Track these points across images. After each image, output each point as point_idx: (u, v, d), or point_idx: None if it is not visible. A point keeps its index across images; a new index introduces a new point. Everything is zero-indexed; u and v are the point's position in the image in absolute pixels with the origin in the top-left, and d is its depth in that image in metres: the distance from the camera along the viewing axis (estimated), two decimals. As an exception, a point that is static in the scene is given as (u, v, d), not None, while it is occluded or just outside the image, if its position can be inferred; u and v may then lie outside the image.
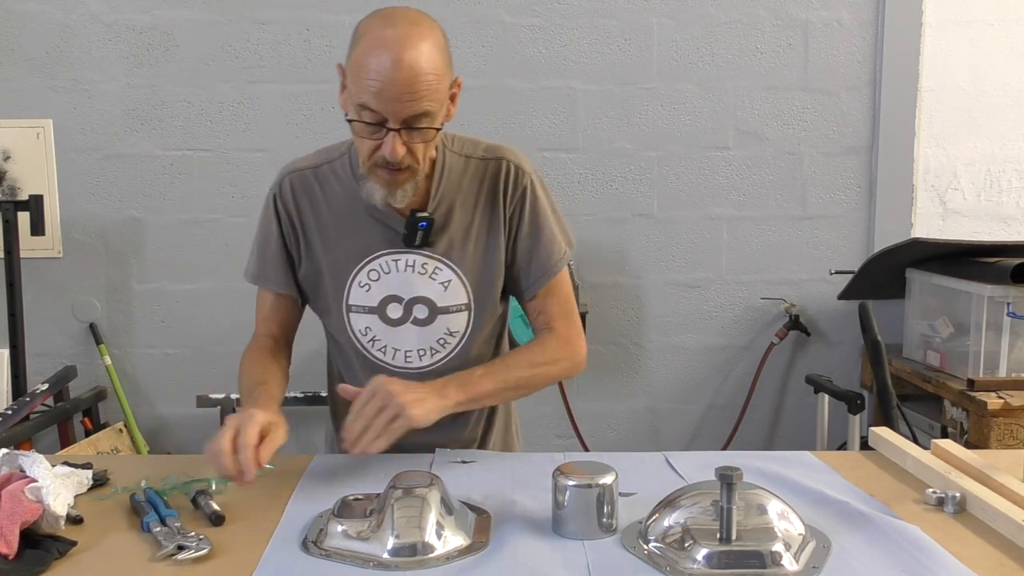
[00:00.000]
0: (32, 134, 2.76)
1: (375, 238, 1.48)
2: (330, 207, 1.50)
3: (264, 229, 1.54)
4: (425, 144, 1.37)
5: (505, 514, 1.22)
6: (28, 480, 1.13)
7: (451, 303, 1.49)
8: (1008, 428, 2.25)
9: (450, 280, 1.49)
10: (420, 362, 1.52)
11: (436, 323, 1.49)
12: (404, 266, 1.48)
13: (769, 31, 2.83)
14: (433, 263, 1.48)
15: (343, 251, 1.50)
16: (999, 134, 2.91)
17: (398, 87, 1.28)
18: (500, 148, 1.53)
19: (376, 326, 1.50)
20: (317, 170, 1.52)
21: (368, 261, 1.49)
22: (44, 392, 2.58)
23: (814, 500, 1.25)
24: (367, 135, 1.34)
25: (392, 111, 1.30)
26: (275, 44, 2.77)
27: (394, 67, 1.28)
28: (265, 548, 1.11)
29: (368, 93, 1.29)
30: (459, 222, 1.49)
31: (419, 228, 1.44)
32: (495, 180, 1.50)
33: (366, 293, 1.49)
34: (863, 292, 2.79)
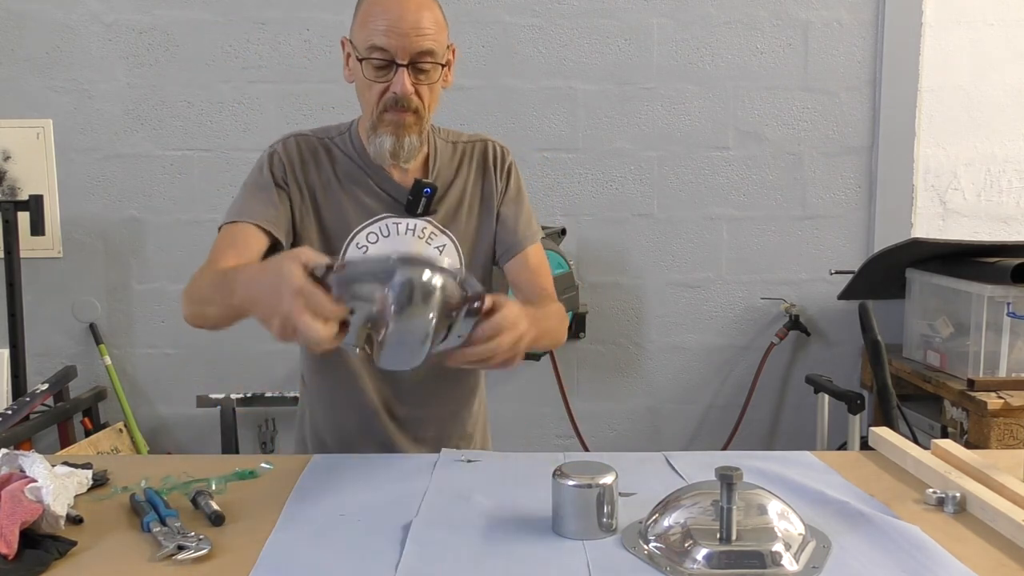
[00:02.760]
0: (32, 134, 2.76)
1: (377, 205, 1.54)
2: (333, 172, 1.55)
3: (255, 176, 1.54)
4: (430, 88, 1.45)
5: (505, 514, 1.22)
6: (28, 480, 1.13)
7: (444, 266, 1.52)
8: (1008, 428, 2.25)
9: (445, 245, 1.55)
10: None
11: None
12: (404, 229, 1.54)
13: (769, 31, 2.83)
14: (431, 228, 1.55)
15: (342, 214, 1.53)
16: (999, 134, 2.91)
17: (406, 23, 1.39)
18: (482, 134, 1.65)
19: None
20: (321, 140, 1.58)
21: (369, 224, 1.53)
22: (44, 392, 2.58)
23: (814, 500, 1.25)
24: (377, 77, 1.42)
25: (400, 47, 1.40)
26: (275, 44, 2.77)
27: (401, 6, 1.40)
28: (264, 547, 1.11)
29: (378, 33, 1.40)
30: (453, 195, 1.57)
31: (424, 195, 1.51)
32: (484, 157, 1.61)
33: (363, 254, 1.52)
34: (863, 292, 2.79)
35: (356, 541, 1.13)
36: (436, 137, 1.60)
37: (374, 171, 1.54)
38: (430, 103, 1.47)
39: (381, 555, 1.09)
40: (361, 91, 1.48)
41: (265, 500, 1.27)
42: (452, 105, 2.80)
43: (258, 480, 1.36)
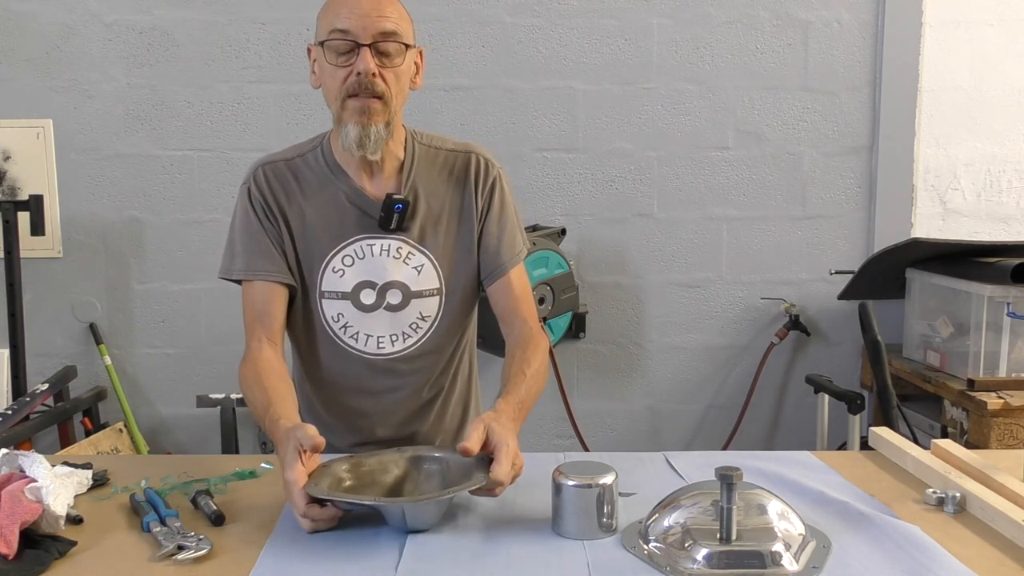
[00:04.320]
0: (32, 134, 2.76)
1: (350, 224, 1.51)
2: (304, 196, 1.52)
3: (244, 222, 1.54)
4: (396, 75, 1.44)
5: (505, 514, 1.22)
6: (28, 480, 1.13)
7: (424, 287, 1.52)
8: (1008, 428, 2.25)
9: (423, 264, 1.52)
10: (392, 347, 1.53)
11: (409, 308, 1.51)
12: (379, 251, 1.51)
13: (769, 31, 2.83)
14: (407, 248, 1.51)
15: (318, 238, 1.51)
16: (999, 134, 2.91)
17: (367, 4, 1.41)
18: (470, 144, 1.60)
19: (349, 312, 1.51)
20: (289, 162, 1.55)
21: (343, 246, 1.51)
22: (44, 392, 2.58)
23: (814, 500, 1.25)
24: (339, 62, 1.42)
25: (362, 26, 1.40)
26: (275, 44, 2.77)
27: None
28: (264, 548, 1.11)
29: (339, 17, 1.41)
30: (430, 209, 1.53)
31: (395, 210, 1.48)
32: (465, 171, 1.56)
33: (340, 279, 1.51)
34: (863, 292, 2.79)
35: (356, 541, 1.13)
36: (416, 142, 1.57)
37: (346, 186, 1.51)
38: (396, 92, 1.45)
39: (381, 555, 1.09)
40: (326, 83, 1.46)
41: (265, 500, 1.27)
42: (452, 105, 2.80)
43: (258, 480, 1.37)
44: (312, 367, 1.57)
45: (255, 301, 1.52)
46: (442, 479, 1.24)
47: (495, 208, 1.56)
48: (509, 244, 1.56)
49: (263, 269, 1.51)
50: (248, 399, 1.45)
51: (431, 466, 1.28)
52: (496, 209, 1.56)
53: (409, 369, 1.54)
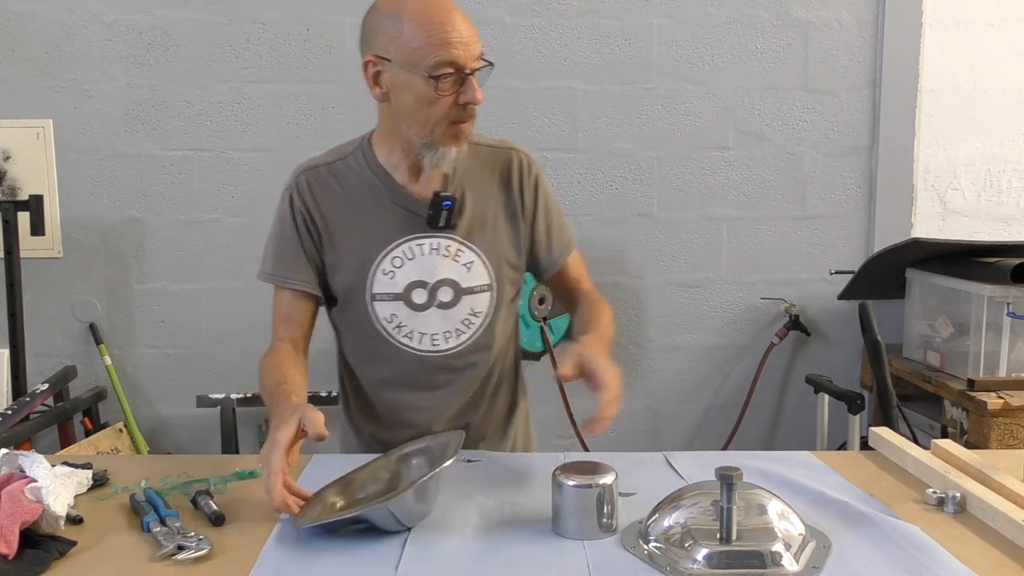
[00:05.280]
0: (32, 134, 2.76)
1: (397, 224, 1.51)
2: (348, 200, 1.53)
3: (280, 228, 1.57)
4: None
5: (505, 514, 1.22)
6: (28, 480, 1.13)
7: (475, 283, 1.53)
8: (1008, 428, 2.25)
9: (472, 261, 1.53)
10: (446, 344, 1.54)
11: (460, 304, 1.53)
12: (428, 249, 1.52)
13: (769, 31, 2.83)
14: (456, 245, 1.52)
15: (365, 241, 1.52)
16: (999, 134, 2.91)
17: (466, 31, 1.39)
18: (507, 141, 1.62)
19: (402, 312, 1.52)
20: (331, 166, 1.56)
21: (392, 248, 1.51)
22: (44, 392, 2.58)
23: (814, 500, 1.25)
24: (451, 90, 1.40)
25: (466, 55, 1.39)
26: (275, 44, 2.77)
27: (455, 15, 1.39)
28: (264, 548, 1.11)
29: (445, 47, 1.37)
30: (475, 205, 1.54)
31: (443, 208, 1.48)
32: (507, 168, 1.58)
33: (390, 280, 1.51)
34: (863, 292, 2.79)
35: (356, 541, 1.13)
36: None
37: (391, 188, 1.52)
38: None
39: (381, 555, 1.09)
40: (417, 108, 1.42)
41: (265, 500, 1.27)
42: (452, 105, 2.80)
43: (258, 480, 1.36)
44: (366, 368, 1.59)
45: (281, 305, 1.58)
46: (430, 468, 1.24)
47: (541, 206, 1.60)
48: (559, 236, 1.62)
49: (292, 278, 1.55)
50: (261, 381, 1.48)
51: (418, 459, 1.29)
52: (542, 207, 1.60)
53: (462, 364, 1.56)
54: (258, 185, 2.81)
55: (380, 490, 1.27)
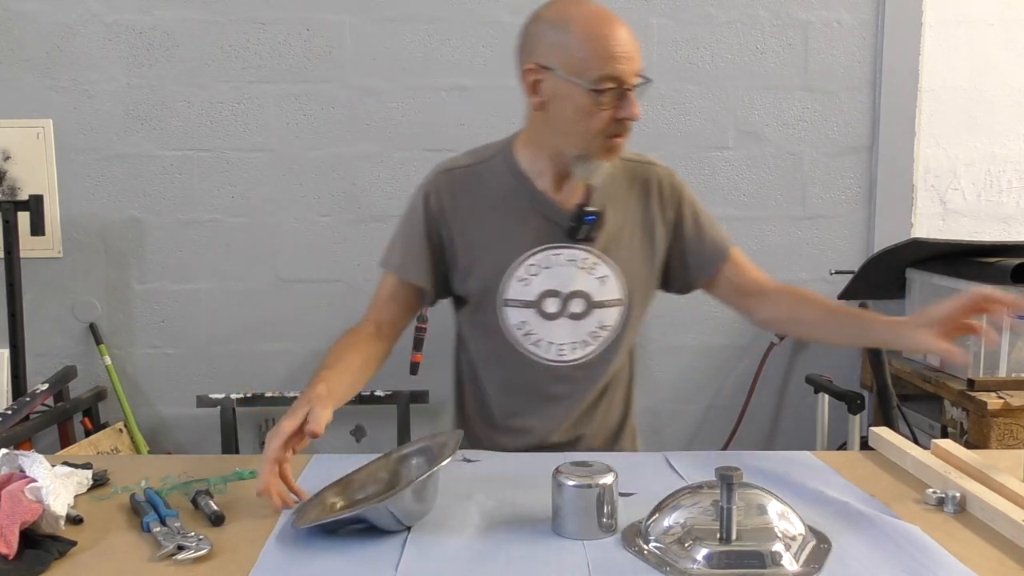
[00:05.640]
0: (32, 134, 2.76)
1: (536, 232, 1.52)
2: (487, 203, 1.53)
3: (411, 223, 1.57)
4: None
5: (505, 514, 1.22)
6: (28, 480, 1.13)
7: (607, 298, 1.54)
8: (1008, 428, 2.25)
9: (607, 276, 1.53)
10: (572, 355, 1.55)
11: (591, 317, 1.53)
12: (565, 260, 1.52)
13: (769, 31, 2.83)
14: (592, 258, 1.53)
15: (502, 246, 1.52)
16: (999, 134, 2.91)
17: (630, 46, 1.40)
18: (646, 156, 1.63)
19: (532, 320, 1.53)
20: (471, 168, 1.57)
21: (529, 255, 1.52)
22: (44, 392, 2.58)
23: (814, 500, 1.25)
24: (611, 104, 1.40)
25: (629, 70, 1.40)
26: (275, 44, 2.77)
27: (622, 30, 1.40)
28: (264, 548, 1.11)
29: (610, 62, 1.38)
30: (614, 220, 1.54)
31: (585, 222, 1.48)
32: (646, 184, 1.59)
33: (524, 287, 1.52)
34: (863, 292, 2.79)
35: (356, 541, 1.13)
36: None
37: (532, 195, 1.52)
38: None
39: (381, 555, 1.09)
40: (576, 120, 1.43)
41: (264, 500, 1.27)
42: (452, 105, 2.80)
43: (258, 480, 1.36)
44: (489, 372, 1.59)
45: (390, 291, 1.58)
46: (428, 467, 1.24)
47: (688, 218, 1.60)
48: (713, 241, 1.61)
49: (411, 272, 1.56)
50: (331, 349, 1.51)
51: (417, 459, 1.29)
52: (689, 219, 1.60)
53: (585, 376, 1.57)
54: (258, 185, 2.81)
55: (379, 490, 1.27)
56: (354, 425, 2.89)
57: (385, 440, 2.84)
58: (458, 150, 2.94)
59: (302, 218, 2.83)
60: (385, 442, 2.81)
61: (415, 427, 2.79)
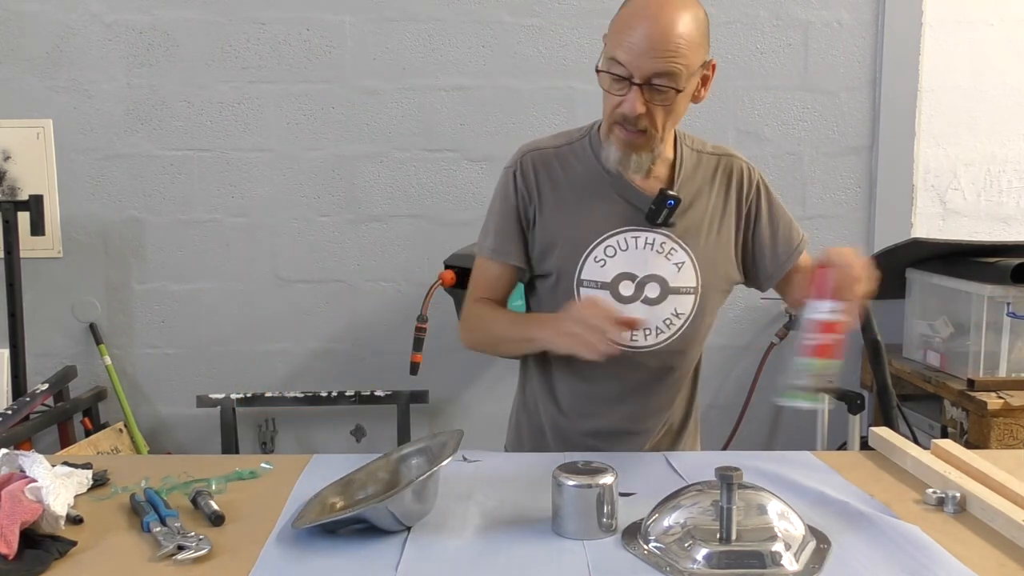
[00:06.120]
0: (32, 134, 2.76)
1: (616, 214, 1.52)
2: (570, 183, 1.54)
3: (502, 204, 1.58)
4: (665, 110, 1.42)
5: (505, 514, 1.22)
6: (28, 480, 1.13)
7: (682, 284, 1.53)
8: (1008, 428, 2.25)
9: (683, 262, 1.52)
10: (645, 341, 1.54)
11: (666, 303, 1.52)
12: (643, 244, 1.51)
13: (769, 31, 2.83)
14: (670, 243, 1.52)
15: (581, 226, 1.52)
16: (999, 134, 2.91)
17: (646, 42, 1.36)
18: (727, 148, 1.63)
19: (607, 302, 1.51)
20: (557, 150, 1.57)
21: (607, 237, 1.51)
22: (44, 392, 2.58)
23: (814, 500, 1.25)
24: (612, 89, 1.42)
25: (637, 65, 1.37)
26: (275, 44, 2.77)
27: (648, 23, 1.37)
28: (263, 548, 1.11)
29: (620, 47, 1.38)
30: (695, 209, 1.54)
31: (667, 206, 1.48)
32: (728, 176, 1.58)
33: (600, 268, 1.51)
34: (863, 292, 2.79)
35: (356, 541, 1.13)
36: (683, 144, 1.58)
37: (615, 178, 1.52)
38: (664, 123, 1.44)
39: (381, 555, 1.09)
40: (603, 96, 1.46)
41: (265, 500, 1.27)
42: (452, 105, 2.80)
43: (258, 480, 1.37)
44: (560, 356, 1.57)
45: (490, 277, 1.60)
46: (428, 467, 1.24)
47: (764, 213, 1.60)
48: (786, 241, 1.60)
49: (511, 253, 1.57)
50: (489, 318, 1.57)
51: (417, 459, 1.29)
52: (765, 212, 1.60)
53: (656, 364, 1.56)
54: (258, 185, 2.81)
55: (379, 490, 1.27)
56: (354, 425, 2.89)
57: (385, 440, 2.84)
58: (458, 150, 2.97)
59: (302, 218, 2.83)
60: (385, 442, 2.81)
61: (415, 427, 2.79)
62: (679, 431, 1.66)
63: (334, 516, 1.16)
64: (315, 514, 1.19)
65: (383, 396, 2.74)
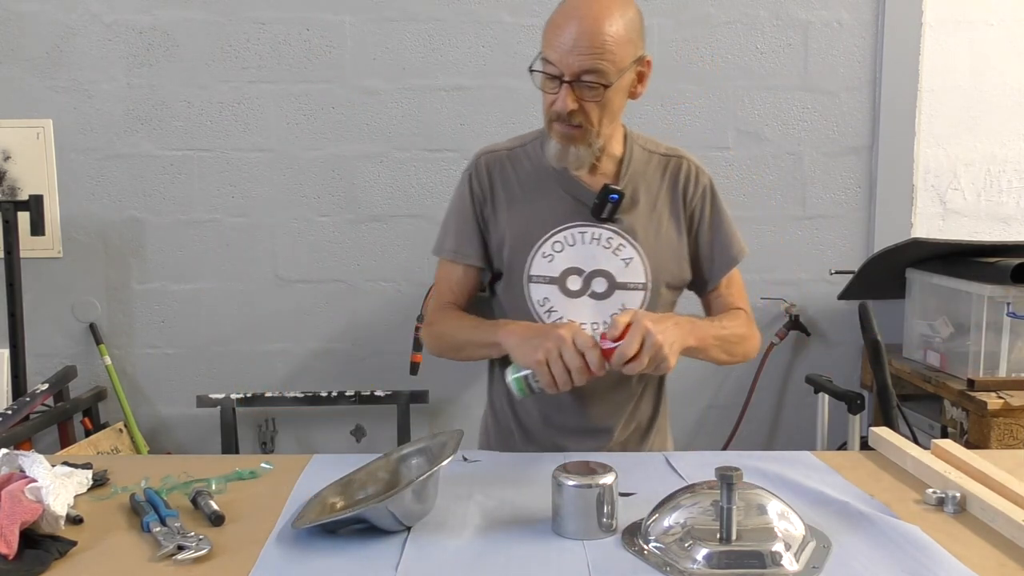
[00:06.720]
0: (32, 134, 2.76)
1: (563, 210, 1.55)
2: (520, 182, 1.59)
3: (459, 206, 1.63)
4: (598, 105, 1.46)
5: (505, 514, 1.22)
6: (28, 480, 1.13)
7: (630, 280, 1.56)
8: (1008, 428, 2.25)
9: (632, 258, 1.56)
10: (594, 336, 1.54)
11: (613, 298, 1.55)
12: (590, 239, 1.55)
13: (769, 31, 2.83)
14: (618, 239, 1.55)
15: (529, 222, 1.56)
16: (999, 134, 2.91)
17: (573, 41, 1.40)
18: (680, 149, 1.66)
19: (555, 297, 1.55)
20: (511, 151, 1.63)
21: (554, 232, 1.55)
22: (44, 392, 2.58)
23: (814, 500, 1.25)
24: (546, 88, 1.47)
25: (565, 63, 1.42)
26: (275, 44, 2.77)
27: (575, 23, 1.41)
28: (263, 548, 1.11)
29: (550, 46, 1.43)
30: (643, 206, 1.58)
31: (609, 200, 1.52)
32: (676, 175, 1.62)
33: (549, 263, 1.55)
34: (863, 292, 2.79)
35: (356, 541, 1.13)
36: (633, 143, 1.61)
37: (561, 174, 1.56)
38: (599, 118, 1.47)
39: (381, 555, 1.09)
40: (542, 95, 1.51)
41: (265, 500, 1.27)
42: (452, 105, 2.80)
43: (258, 480, 1.37)
44: None
45: (453, 280, 1.64)
46: (428, 467, 1.24)
47: (707, 215, 1.63)
48: (723, 251, 1.63)
49: (468, 254, 1.62)
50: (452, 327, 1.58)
51: (417, 459, 1.29)
52: (709, 216, 1.63)
53: None
54: (258, 185, 2.81)
55: (379, 490, 1.27)
56: (354, 425, 2.89)
57: (385, 440, 2.84)
58: (458, 150, 2.97)
59: (302, 218, 2.83)
60: (385, 442, 2.81)
61: (415, 427, 2.79)
62: (647, 429, 1.68)
63: (334, 516, 1.16)
64: (315, 514, 1.19)
65: (383, 396, 2.74)
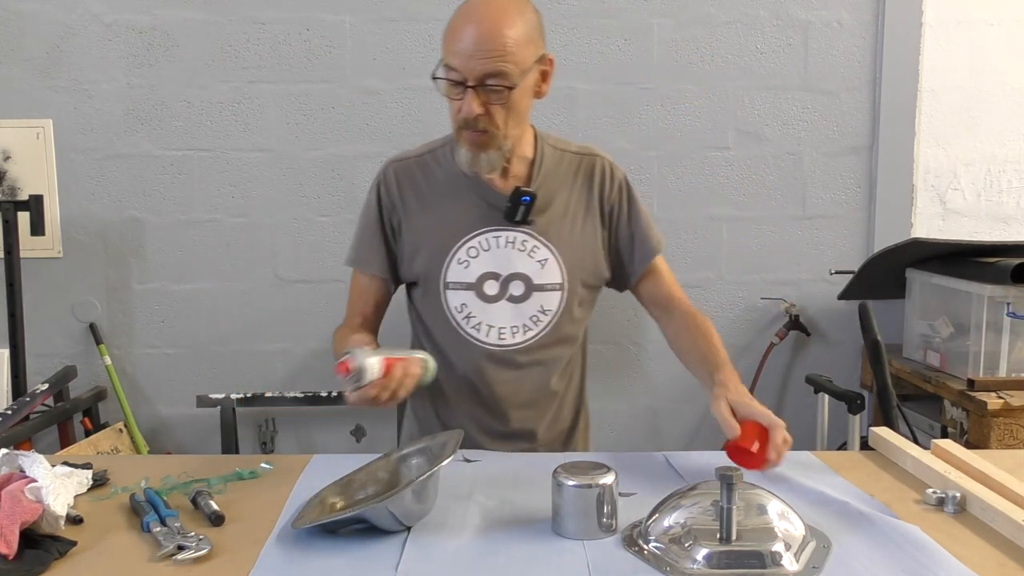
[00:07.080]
0: (32, 134, 2.76)
1: (477, 215, 1.55)
2: (432, 189, 1.58)
3: (365, 216, 1.63)
4: (503, 108, 1.45)
5: (505, 514, 1.22)
6: (28, 480, 1.13)
7: (547, 281, 1.56)
8: (1008, 428, 2.25)
9: (547, 259, 1.56)
10: (513, 339, 1.57)
11: (531, 300, 1.56)
12: (504, 243, 1.55)
13: (769, 31, 2.83)
14: (532, 241, 1.55)
15: (443, 229, 1.56)
16: (999, 134, 2.91)
17: (474, 45, 1.40)
18: (592, 147, 1.66)
19: (472, 303, 1.55)
20: (419, 159, 1.61)
21: (469, 238, 1.55)
22: (44, 392, 2.58)
23: (814, 500, 1.25)
24: (451, 95, 1.46)
25: (467, 68, 1.41)
26: (275, 44, 2.77)
27: (474, 27, 1.40)
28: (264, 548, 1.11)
29: (451, 53, 1.42)
30: (556, 206, 1.58)
31: (522, 203, 1.52)
32: (590, 174, 1.62)
33: (464, 269, 1.55)
34: (863, 292, 2.79)
35: (356, 541, 1.13)
36: (544, 143, 1.61)
37: (473, 179, 1.55)
38: (506, 120, 1.46)
39: (381, 555, 1.09)
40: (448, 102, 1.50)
41: (265, 500, 1.27)
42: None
43: (258, 480, 1.37)
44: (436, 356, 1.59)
45: (360, 290, 1.65)
46: (428, 467, 1.24)
47: (625, 210, 1.63)
48: (643, 242, 1.63)
49: (372, 264, 1.62)
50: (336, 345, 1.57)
51: (417, 459, 1.29)
52: (627, 210, 1.63)
53: (527, 361, 1.58)
54: (258, 185, 2.81)
55: (379, 490, 1.27)
56: (354, 425, 2.89)
57: (385, 440, 2.84)
58: (458, 150, 2.94)
59: (302, 218, 2.83)
60: (385, 442, 2.81)
61: (415, 427, 2.79)
62: (570, 432, 1.69)
63: (334, 516, 1.16)
64: (315, 514, 1.19)
65: (383, 396, 2.73)
